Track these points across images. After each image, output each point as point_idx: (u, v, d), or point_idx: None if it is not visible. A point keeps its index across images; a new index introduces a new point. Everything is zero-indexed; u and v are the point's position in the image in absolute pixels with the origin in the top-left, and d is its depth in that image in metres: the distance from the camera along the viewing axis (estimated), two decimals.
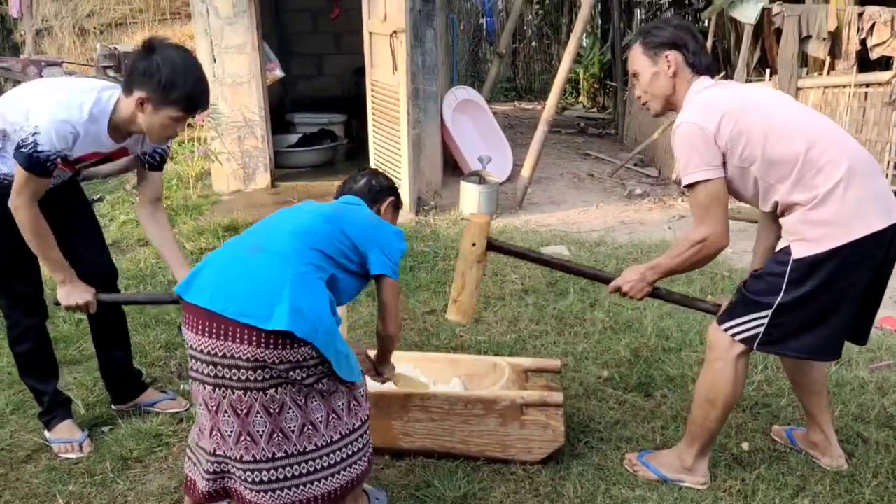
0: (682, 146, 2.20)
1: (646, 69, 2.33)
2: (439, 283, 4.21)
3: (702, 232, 2.21)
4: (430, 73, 5.94)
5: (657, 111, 2.40)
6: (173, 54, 2.28)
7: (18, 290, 2.67)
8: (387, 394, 2.59)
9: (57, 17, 9.31)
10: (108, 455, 2.70)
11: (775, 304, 2.20)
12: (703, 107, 2.20)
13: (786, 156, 2.13)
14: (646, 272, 2.38)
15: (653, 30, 2.35)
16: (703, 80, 2.30)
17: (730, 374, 2.31)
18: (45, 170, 2.33)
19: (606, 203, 5.96)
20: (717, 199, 2.19)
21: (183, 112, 2.33)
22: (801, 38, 5.85)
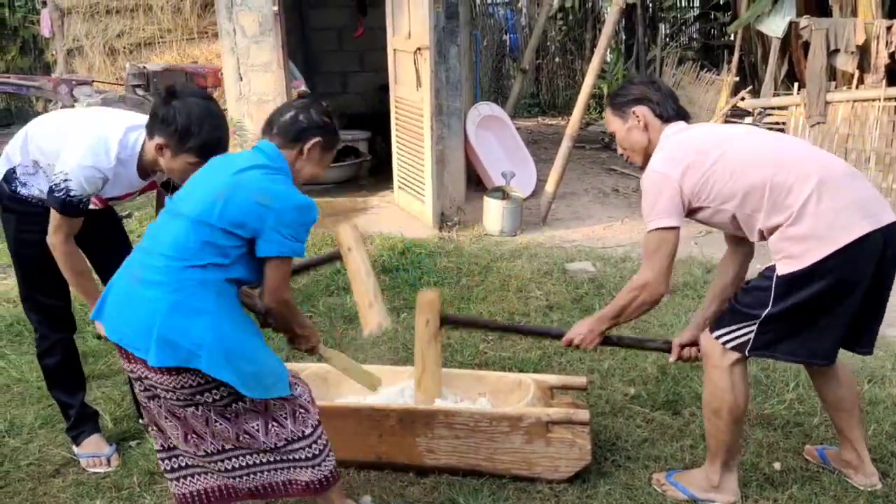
0: (648, 192, 2.32)
1: (619, 127, 2.47)
2: (463, 299, 4.19)
3: (643, 277, 2.33)
4: (453, 90, 5.95)
5: (640, 163, 2.51)
6: (192, 102, 2.32)
7: (47, 304, 2.72)
8: (411, 410, 2.58)
9: (87, 37, 9.50)
10: (136, 469, 2.71)
11: (763, 315, 2.24)
12: (670, 154, 2.32)
13: (753, 185, 2.21)
14: (593, 324, 2.51)
15: (619, 91, 2.53)
16: (672, 126, 2.41)
17: (727, 382, 2.32)
18: (79, 211, 2.44)
19: (632, 218, 5.92)
20: (665, 246, 2.29)
21: (199, 159, 2.36)
22: (830, 52, 5.79)
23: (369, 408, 2.62)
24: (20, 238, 2.63)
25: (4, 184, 2.59)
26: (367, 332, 2.56)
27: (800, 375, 3.18)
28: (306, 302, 4.20)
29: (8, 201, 2.61)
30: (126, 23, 9.29)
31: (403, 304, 4.14)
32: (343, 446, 2.60)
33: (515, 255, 4.90)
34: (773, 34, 6.16)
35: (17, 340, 3.84)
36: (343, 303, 4.15)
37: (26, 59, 12.10)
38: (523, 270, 4.58)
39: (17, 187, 2.57)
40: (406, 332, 3.78)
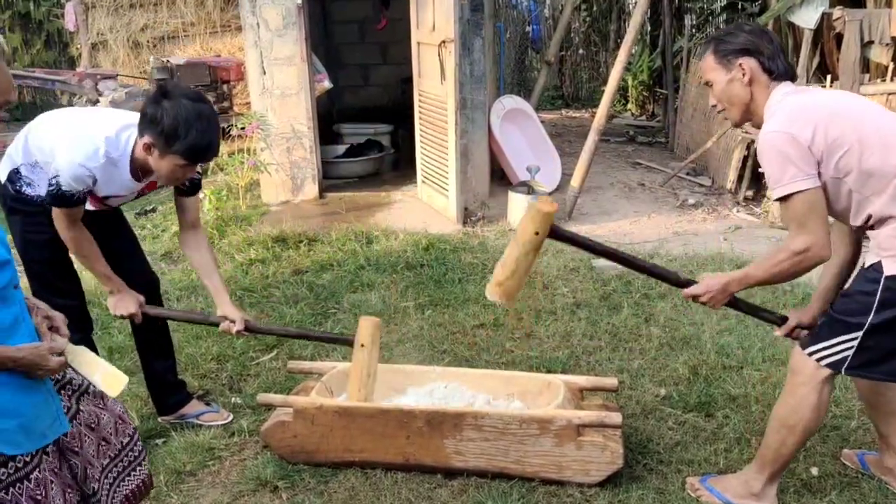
0: (773, 157, 2.07)
1: (720, 78, 2.21)
2: None
3: (803, 241, 2.07)
4: (477, 83, 5.89)
5: (736, 121, 2.30)
6: (182, 104, 2.29)
7: (62, 305, 2.68)
8: (439, 412, 2.54)
9: (111, 31, 9.56)
10: (162, 468, 2.70)
11: (866, 325, 2.08)
12: (794, 114, 2.08)
13: (883, 167, 2.02)
14: (730, 282, 2.24)
15: (725, 36, 2.24)
16: (784, 86, 2.18)
17: (814, 400, 2.19)
18: (74, 202, 2.44)
19: (658, 213, 5.83)
20: (816, 208, 2.05)
21: (186, 162, 2.35)
22: (863, 44, 5.65)
23: (397, 409, 2.59)
24: (27, 239, 2.63)
25: (9, 184, 2.58)
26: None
27: (836, 377, 3.09)
28: (331, 299, 4.17)
29: (12, 202, 2.60)
30: (150, 16, 9.34)
31: (428, 301, 4.10)
32: (370, 447, 2.59)
33: (541, 252, 4.81)
34: (806, 25, 6.01)
35: None
36: (367, 299, 4.12)
37: (51, 53, 12.19)
38: (549, 267, 4.52)
39: (21, 187, 2.56)
40: (432, 330, 3.74)
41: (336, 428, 2.59)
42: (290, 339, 3.67)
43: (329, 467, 2.65)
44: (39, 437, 1.67)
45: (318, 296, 4.21)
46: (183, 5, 9.24)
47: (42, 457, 1.69)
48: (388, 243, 4.96)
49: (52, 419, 1.70)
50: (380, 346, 2.71)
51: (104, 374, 1.93)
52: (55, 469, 1.73)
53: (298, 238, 5.05)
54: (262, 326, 2.89)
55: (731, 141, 6.24)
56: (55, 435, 1.71)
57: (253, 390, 3.19)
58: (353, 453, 2.61)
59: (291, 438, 2.64)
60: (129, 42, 9.44)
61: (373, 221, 5.52)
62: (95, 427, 1.88)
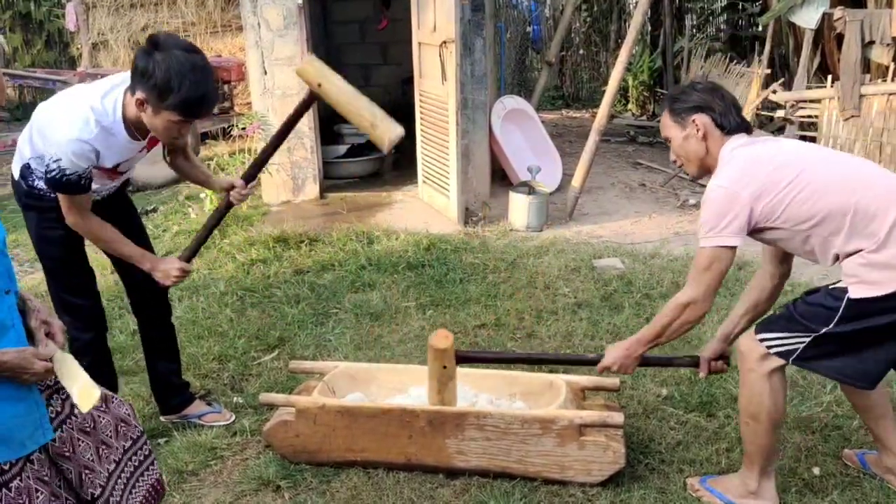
0: (711, 208, 2.18)
1: (676, 134, 2.35)
2: (490, 295, 4.15)
3: (688, 294, 2.23)
4: (478, 83, 5.90)
5: (693, 174, 2.42)
6: (175, 55, 2.17)
7: (77, 303, 2.71)
8: (441, 412, 2.55)
9: (112, 31, 9.56)
10: (164, 468, 2.69)
11: (821, 332, 2.15)
12: (741, 170, 2.19)
13: (833, 210, 2.11)
14: (630, 346, 2.42)
15: (679, 95, 2.39)
16: (736, 138, 2.29)
17: (766, 387, 2.25)
18: (81, 187, 2.36)
19: (659, 214, 5.84)
20: (718, 265, 2.19)
21: (181, 117, 2.25)
22: (864, 44, 5.66)
23: (399, 409, 2.59)
24: (42, 235, 2.59)
25: (22, 181, 2.54)
26: (386, 148, 2.48)
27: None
28: (332, 298, 4.18)
29: (26, 198, 2.56)
30: (150, 16, 9.34)
31: (429, 301, 4.10)
32: (372, 447, 2.59)
33: (542, 251, 4.84)
34: (807, 26, 6.03)
35: None
36: (369, 299, 4.12)
37: (51, 52, 12.20)
38: (550, 267, 4.53)
39: (33, 181, 2.50)
40: (433, 330, 3.72)
41: (338, 428, 2.59)
42: (292, 338, 3.68)
43: (331, 467, 2.65)
44: (18, 446, 1.63)
45: (319, 296, 4.21)
46: (184, 5, 9.23)
47: (25, 465, 1.65)
48: (389, 243, 4.97)
49: (33, 428, 1.66)
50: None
51: (81, 388, 1.88)
52: (43, 477, 1.69)
53: (299, 238, 5.06)
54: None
55: None
56: (35, 445, 1.67)
57: (255, 390, 3.20)
58: (355, 453, 2.62)
59: (294, 438, 2.64)
60: (130, 42, 9.44)
61: (374, 221, 5.52)
62: (91, 431, 1.83)
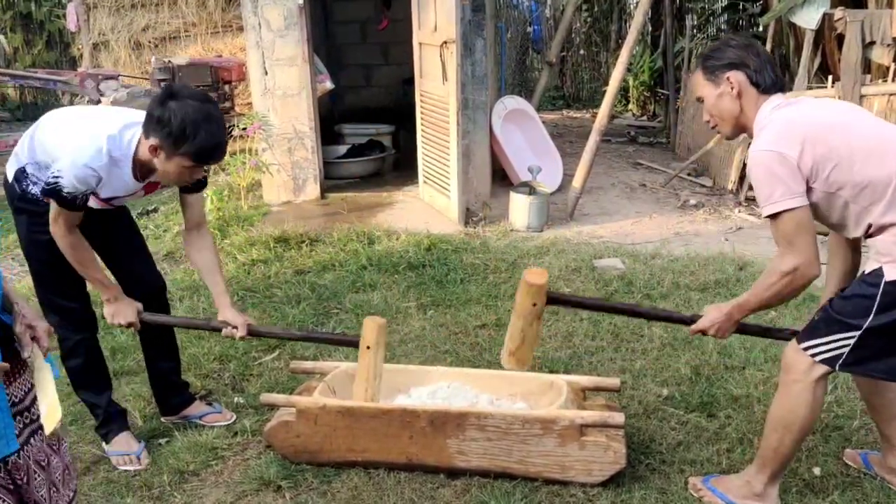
0: (762, 175, 2.10)
1: (709, 93, 2.28)
2: (490, 296, 4.15)
3: (791, 262, 2.11)
4: (479, 83, 5.90)
5: (727, 134, 2.34)
6: (188, 105, 2.27)
7: (66, 306, 2.70)
8: (442, 412, 2.55)
9: (113, 31, 9.56)
10: (166, 468, 2.70)
11: (864, 327, 2.09)
12: (782, 131, 2.11)
13: (878, 177, 2.03)
14: (732, 311, 2.31)
15: (713, 52, 2.30)
16: (774, 98, 2.22)
17: (808, 397, 2.20)
18: (75, 206, 2.40)
19: (660, 214, 5.84)
20: (804, 227, 2.08)
21: (194, 163, 2.34)
22: (865, 44, 5.65)
23: (400, 409, 2.59)
24: (32, 238, 2.60)
25: (15, 183, 2.56)
26: None
27: (837, 377, 3.10)
28: (333, 299, 4.18)
29: (19, 201, 2.58)
30: (151, 17, 9.34)
31: (430, 301, 4.10)
32: (373, 447, 2.59)
33: (543, 252, 4.84)
34: (807, 26, 6.02)
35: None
36: (369, 300, 4.13)
37: (52, 53, 12.22)
38: (551, 267, 4.52)
39: (27, 186, 2.54)
40: (434, 330, 3.75)
41: (339, 428, 2.59)
42: (292, 340, 3.68)
43: (332, 467, 2.65)
44: None
45: (320, 296, 4.21)
46: (184, 5, 9.24)
47: None
48: (390, 244, 4.97)
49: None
50: (385, 346, 2.70)
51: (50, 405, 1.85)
52: (7, 485, 1.68)
53: (300, 238, 5.06)
54: (264, 330, 2.88)
55: (732, 142, 6.24)
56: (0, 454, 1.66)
57: (255, 390, 3.20)
58: (356, 453, 2.62)
59: (294, 438, 2.64)
60: (131, 42, 9.45)
61: (374, 222, 5.53)
62: (46, 467, 1.80)
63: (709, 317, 2.35)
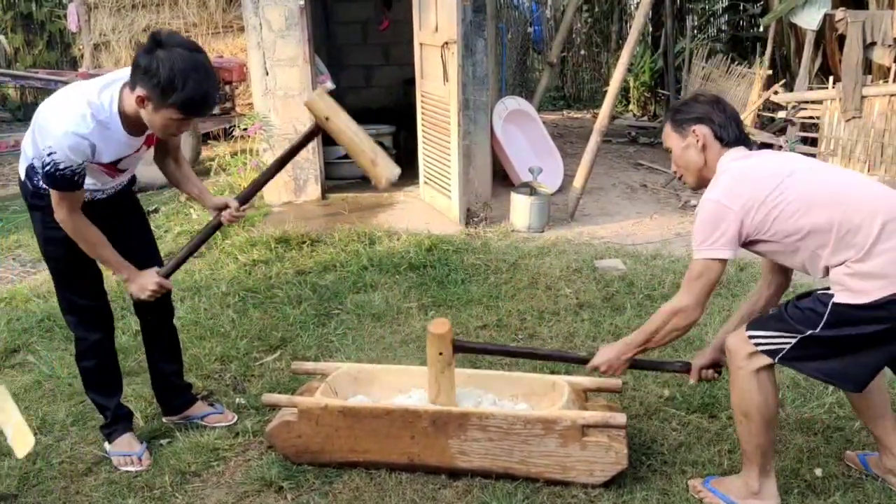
0: (703, 222, 2.24)
1: (676, 144, 2.42)
2: (491, 296, 4.15)
3: (679, 302, 2.30)
4: (480, 84, 5.90)
5: (692, 185, 2.48)
6: (177, 54, 2.18)
7: (84, 305, 2.70)
8: (444, 412, 2.55)
9: (114, 32, 9.57)
10: (167, 468, 2.70)
11: (807, 334, 2.19)
12: (732, 185, 2.25)
13: (820, 224, 2.15)
14: (621, 350, 2.48)
15: (682, 106, 2.47)
16: (735, 151, 2.35)
17: (754, 384, 2.28)
18: (73, 183, 2.34)
19: (661, 214, 5.84)
20: (708, 275, 2.25)
21: (182, 115, 2.26)
22: (866, 45, 5.66)
23: (402, 409, 2.59)
24: (47, 236, 2.58)
25: (27, 181, 2.54)
26: (382, 187, 2.59)
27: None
28: (334, 299, 4.18)
29: (32, 198, 2.56)
30: (152, 17, 9.35)
31: (431, 302, 4.10)
32: (375, 448, 2.59)
33: (543, 252, 4.85)
34: (808, 27, 6.03)
35: (48, 336, 3.85)
36: (370, 300, 4.13)
37: (53, 53, 12.21)
38: (552, 268, 4.53)
39: (38, 181, 2.49)
40: None
41: (341, 428, 2.59)
42: (294, 339, 3.68)
43: (334, 468, 2.65)
44: None
45: (321, 296, 4.21)
46: (185, 6, 9.24)
47: None
48: (391, 244, 4.97)
49: None
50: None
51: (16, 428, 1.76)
52: None
53: (301, 239, 5.06)
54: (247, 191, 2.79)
55: None
56: None
57: (257, 391, 3.20)
58: (358, 454, 2.62)
59: (296, 439, 2.64)
60: (132, 43, 9.44)
61: (375, 222, 5.53)
62: None
63: (600, 356, 2.52)
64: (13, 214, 6.33)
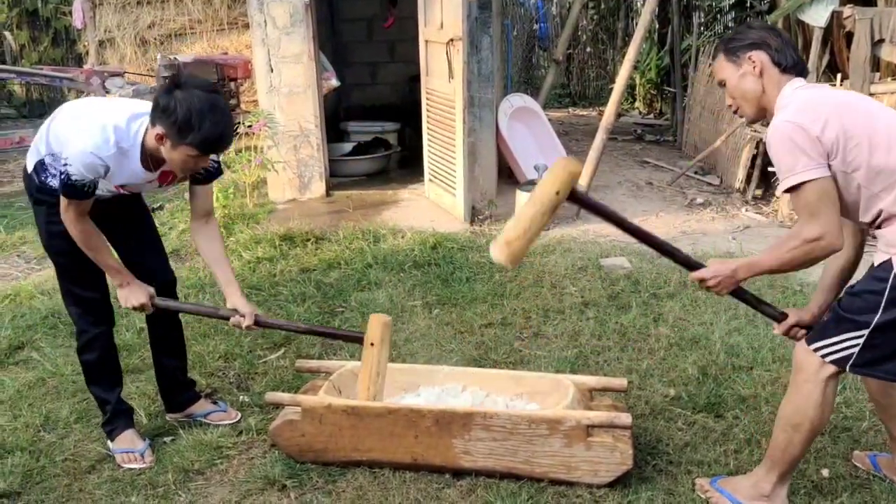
0: (783, 147, 2.05)
1: (731, 74, 2.24)
2: (496, 294, 4.13)
3: (816, 230, 2.03)
4: (485, 81, 5.88)
5: (750, 117, 2.29)
6: (194, 94, 2.29)
7: (86, 297, 2.72)
8: (448, 411, 2.53)
9: (119, 29, 9.57)
10: (170, 466, 2.70)
11: (872, 324, 2.06)
12: (805, 106, 2.08)
13: (891, 164, 2.02)
14: (738, 269, 2.22)
15: (735, 35, 2.29)
16: (796, 80, 2.19)
17: (818, 397, 2.17)
18: (83, 194, 2.42)
19: (667, 212, 5.81)
20: (829, 197, 2.03)
21: (199, 153, 2.35)
22: (874, 42, 5.61)
23: (406, 408, 2.57)
24: (51, 230, 2.61)
25: (34, 174, 2.58)
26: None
27: (846, 377, 3.08)
28: (338, 297, 4.17)
29: (37, 192, 2.59)
30: (157, 14, 9.35)
31: (436, 300, 4.09)
32: (378, 447, 2.58)
33: (549, 250, 4.83)
34: (816, 24, 5.98)
35: (52, 333, 3.85)
36: (375, 298, 4.11)
37: (58, 50, 12.22)
38: (557, 266, 4.51)
39: (46, 178, 2.54)
40: (439, 329, 3.73)
41: (344, 427, 2.58)
42: (298, 337, 3.67)
43: (337, 466, 2.64)
44: None
45: (325, 294, 4.20)
46: (190, 3, 9.24)
47: None
48: (396, 242, 4.96)
49: None
50: (389, 344, 2.69)
51: None
52: None
53: (306, 236, 5.05)
54: (271, 321, 2.87)
55: (739, 140, 6.21)
56: None
57: (261, 389, 3.19)
58: (362, 452, 2.61)
59: (299, 437, 2.63)
60: (137, 39, 9.46)
61: (380, 220, 5.51)
62: None
63: (714, 268, 2.26)
64: (18, 211, 6.33)
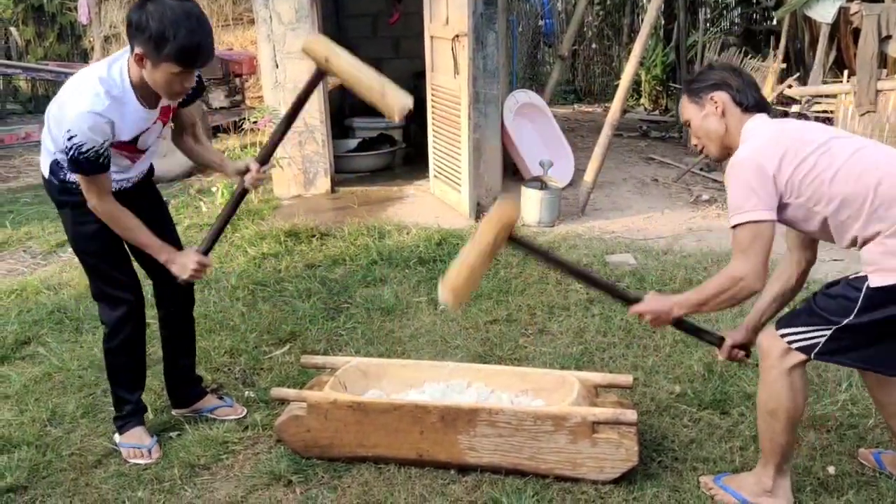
0: (737, 182, 2.14)
1: (695, 115, 2.33)
2: (501, 291, 4.13)
3: (741, 268, 2.15)
4: (490, 77, 5.87)
5: (715, 155, 2.37)
6: (166, 5, 2.16)
7: (120, 297, 2.67)
8: (453, 407, 2.53)
9: (124, 24, 9.57)
10: (176, 461, 2.70)
11: (842, 324, 2.13)
12: (763, 143, 2.16)
13: (854, 194, 2.07)
14: (673, 306, 2.34)
15: (697, 76, 2.38)
16: (758, 117, 2.27)
17: (786, 384, 2.22)
18: (99, 165, 2.32)
19: (672, 209, 5.80)
20: (763, 241, 2.13)
21: (180, 67, 2.22)
22: (881, 38, 5.59)
23: (411, 404, 2.58)
24: (78, 232, 2.56)
25: (52, 177, 2.52)
26: (396, 117, 2.44)
27: (853, 375, 3.08)
28: (343, 293, 4.17)
29: (59, 194, 2.53)
30: None
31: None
32: (384, 442, 2.59)
33: (554, 247, 4.82)
34: (823, 20, 5.96)
35: (58, 328, 3.86)
36: (380, 294, 4.12)
37: (64, 45, 12.25)
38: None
39: (65, 176, 2.48)
40: (444, 325, 3.74)
41: (350, 423, 2.59)
42: (303, 333, 3.68)
43: (342, 462, 2.65)
44: None
45: (330, 290, 4.21)
46: None
47: None
48: (401, 238, 4.96)
49: None
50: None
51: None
52: None
53: (311, 232, 5.05)
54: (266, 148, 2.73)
55: None
56: None
57: (266, 384, 3.19)
58: (367, 448, 2.61)
59: (305, 433, 2.64)
60: None
61: (385, 216, 5.51)
62: None
63: (650, 303, 2.37)
64: (23, 206, 6.35)
